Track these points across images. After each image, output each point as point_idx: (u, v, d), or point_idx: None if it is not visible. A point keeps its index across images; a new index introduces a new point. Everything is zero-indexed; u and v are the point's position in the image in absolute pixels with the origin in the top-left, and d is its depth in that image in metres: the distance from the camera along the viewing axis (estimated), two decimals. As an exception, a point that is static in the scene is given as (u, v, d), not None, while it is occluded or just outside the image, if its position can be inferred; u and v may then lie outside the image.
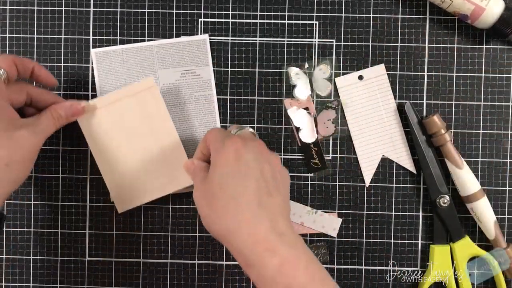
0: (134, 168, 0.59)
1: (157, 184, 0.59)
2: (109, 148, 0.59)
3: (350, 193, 0.62)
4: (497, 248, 0.59)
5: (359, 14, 0.61)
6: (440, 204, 0.59)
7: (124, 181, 0.59)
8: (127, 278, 0.62)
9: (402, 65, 0.61)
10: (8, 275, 0.62)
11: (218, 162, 0.50)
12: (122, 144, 0.59)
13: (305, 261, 0.47)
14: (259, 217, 0.48)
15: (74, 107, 0.57)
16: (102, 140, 0.59)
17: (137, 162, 0.59)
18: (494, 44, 0.61)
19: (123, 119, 0.59)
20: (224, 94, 0.62)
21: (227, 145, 0.50)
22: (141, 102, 0.58)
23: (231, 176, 0.49)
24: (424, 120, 0.59)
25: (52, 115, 0.55)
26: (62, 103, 0.56)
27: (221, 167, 0.50)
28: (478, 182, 0.59)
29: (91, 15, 0.62)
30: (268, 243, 0.47)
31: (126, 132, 0.59)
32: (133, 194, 0.59)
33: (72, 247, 0.62)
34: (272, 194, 0.49)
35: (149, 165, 0.59)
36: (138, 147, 0.59)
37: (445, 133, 0.58)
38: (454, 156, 0.59)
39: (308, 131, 0.61)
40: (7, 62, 0.53)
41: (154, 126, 0.59)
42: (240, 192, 0.48)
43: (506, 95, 0.61)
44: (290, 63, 0.61)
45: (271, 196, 0.49)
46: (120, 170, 0.59)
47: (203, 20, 0.62)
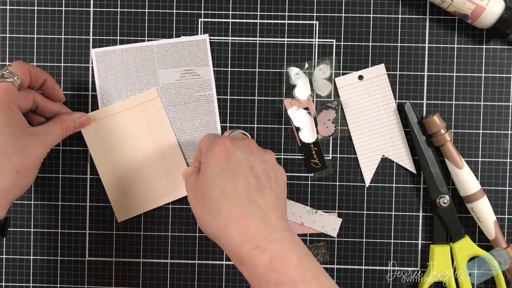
0: (135, 178, 0.60)
1: (158, 193, 0.60)
2: (111, 157, 0.60)
3: (350, 193, 0.62)
4: (497, 248, 0.59)
5: (359, 14, 0.61)
6: (440, 204, 0.59)
7: (124, 190, 0.60)
8: (127, 278, 0.62)
9: (402, 65, 0.61)
10: (8, 275, 0.62)
11: (207, 163, 0.51)
12: (124, 153, 0.60)
13: (297, 258, 0.47)
14: (249, 214, 0.48)
15: (82, 119, 0.59)
16: (104, 149, 0.60)
17: (138, 171, 0.60)
18: (494, 44, 0.61)
19: (125, 129, 0.60)
20: (224, 94, 0.62)
21: (216, 145, 0.51)
22: (143, 112, 0.60)
23: (220, 175, 0.49)
24: (424, 120, 0.59)
25: (61, 126, 0.56)
26: (71, 115, 0.58)
27: (210, 167, 0.50)
28: (478, 182, 0.59)
29: (91, 15, 0.62)
30: (258, 240, 0.47)
31: (128, 142, 0.60)
32: (133, 203, 0.60)
33: (72, 247, 0.62)
34: (263, 191, 0.49)
35: (150, 175, 0.60)
36: (140, 157, 0.60)
37: (445, 133, 0.58)
38: (454, 156, 0.59)
39: (308, 131, 0.61)
40: (22, 70, 0.53)
41: (156, 136, 0.60)
42: (229, 190, 0.49)
43: (506, 95, 0.61)
44: (290, 63, 0.61)
45: (262, 192, 0.49)
46: (121, 180, 0.60)
47: (203, 20, 0.62)
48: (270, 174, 0.51)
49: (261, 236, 0.47)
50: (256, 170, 0.50)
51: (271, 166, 0.52)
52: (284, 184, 0.53)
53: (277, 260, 0.46)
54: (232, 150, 0.50)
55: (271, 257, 0.46)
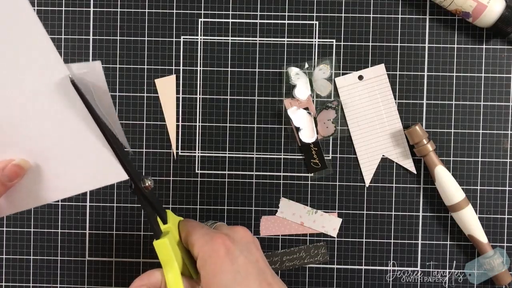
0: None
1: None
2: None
3: (350, 193, 0.62)
4: (484, 254, 0.59)
5: (359, 14, 0.61)
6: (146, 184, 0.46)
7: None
8: (127, 278, 0.62)
9: (402, 65, 0.61)
10: (8, 275, 0.62)
11: (213, 271, 0.46)
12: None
13: None
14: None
15: (8, 169, 0.43)
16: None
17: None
18: (494, 44, 0.61)
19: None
20: (224, 94, 0.62)
21: (216, 248, 0.46)
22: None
23: (231, 282, 0.45)
24: (406, 130, 0.59)
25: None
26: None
27: (220, 275, 0.46)
28: (462, 191, 0.59)
29: (91, 15, 0.62)
30: None
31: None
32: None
33: (72, 247, 0.62)
34: (271, 283, 0.48)
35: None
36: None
37: (428, 143, 0.58)
38: (438, 166, 0.59)
39: (308, 131, 0.61)
40: None
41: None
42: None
43: (506, 95, 0.61)
44: (290, 63, 0.61)
45: (271, 285, 0.48)
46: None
47: (203, 20, 0.62)
48: (265, 259, 0.49)
49: None
50: (260, 264, 0.47)
51: (258, 247, 0.49)
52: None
53: None
54: (234, 249, 0.46)
55: None
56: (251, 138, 0.62)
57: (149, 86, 0.62)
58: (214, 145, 0.62)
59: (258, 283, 0.46)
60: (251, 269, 0.47)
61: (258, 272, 0.47)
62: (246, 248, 0.48)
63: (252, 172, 0.62)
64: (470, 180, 0.61)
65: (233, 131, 0.62)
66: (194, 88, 0.62)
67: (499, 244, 0.61)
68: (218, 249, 0.46)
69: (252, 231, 0.62)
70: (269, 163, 0.62)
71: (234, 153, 0.62)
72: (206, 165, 0.62)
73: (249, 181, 0.62)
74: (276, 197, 0.62)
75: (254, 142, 0.62)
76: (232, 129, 0.62)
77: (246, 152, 0.62)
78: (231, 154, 0.62)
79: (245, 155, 0.62)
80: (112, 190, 0.62)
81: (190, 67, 0.62)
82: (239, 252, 0.47)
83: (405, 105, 0.61)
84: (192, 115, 0.62)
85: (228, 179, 0.62)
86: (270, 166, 0.62)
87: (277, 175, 0.62)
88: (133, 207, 0.62)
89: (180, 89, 0.62)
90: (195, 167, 0.62)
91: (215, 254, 0.46)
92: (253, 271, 0.47)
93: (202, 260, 0.46)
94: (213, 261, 0.46)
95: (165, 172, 0.62)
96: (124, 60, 0.62)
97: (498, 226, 0.61)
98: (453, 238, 0.61)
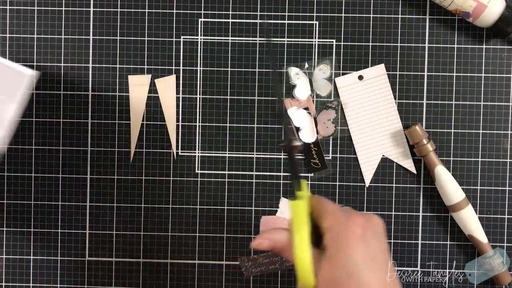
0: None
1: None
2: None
3: (350, 193, 0.62)
4: (484, 255, 0.59)
5: (359, 14, 0.61)
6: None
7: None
8: (127, 278, 0.62)
9: (402, 65, 0.61)
10: (8, 275, 0.62)
11: (346, 247, 0.47)
12: None
13: None
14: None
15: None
16: None
17: None
18: (494, 44, 0.61)
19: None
20: (224, 94, 0.62)
21: (353, 227, 0.47)
22: None
23: (360, 263, 0.47)
24: (406, 130, 0.59)
25: None
26: None
27: (352, 253, 0.47)
28: (462, 191, 0.59)
29: (91, 15, 0.62)
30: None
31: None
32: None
33: (72, 247, 0.62)
34: (392, 275, 0.49)
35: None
36: None
37: (428, 143, 0.58)
38: (438, 166, 0.59)
39: (308, 131, 0.61)
40: None
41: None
42: (367, 279, 0.46)
43: (506, 95, 0.61)
44: (290, 63, 0.61)
45: (392, 276, 0.49)
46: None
47: (203, 20, 0.62)
48: (387, 251, 0.50)
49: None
50: (386, 254, 0.48)
51: (384, 239, 0.50)
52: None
53: None
54: (368, 233, 0.48)
55: None
56: (251, 138, 0.62)
57: (149, 86, 0.62)
58: (214, 145, 0.62)
59: (383, 272, 0.47)
60: (380, 257, 0.48)
61: (385, 262, 0.48)
62: (378, 236, 0.49)
63: (252, 172, 0.62)
64: (470, 180, 0.61)
65: (233, 131, 0.62)
66: (194, 88, 0.62)
67: (499, 244, 0.61)
68: (355, 229, 0.47)
69: (252, 231, 0.62)
70: (269, 163, 0.62)
71: (234, 153, 0.62)
72: (206, 165, 0.62)
73: (249, 181, 0.62)
74: (276, 197, 0.62)
75: (254, 142, 0.62)
76: (232, 129, 0.61)
77: (246, 152, 0.62)
78: (231, 154, 0.62)
79: (245, 155, 0.62)
80: (112, 190, 0.62)
81: (190, 67, 0.62)
82: (373, 238, 0.48)
83: (405, 105, 0.61)
84: (192, 115, 0.62)
85: (228, 179, 0.62)
86: (270, 166, 0.62)
87: (277, 175, 0.62)
88: (133, 207, 0.62)
89: (180, 89, 0.62)
90: (195, 167, 0.62)
91: (351, 232, 0.47)
92: (381, 260, 0.48)
93: (335, 234, 0.47)
94: (348, 238, 0.47)
95: (165, 172, 0.62)
96: (124, 60, 0.62)
97: (498, 226, 0.61)
98: (453, 238, 0.61)
